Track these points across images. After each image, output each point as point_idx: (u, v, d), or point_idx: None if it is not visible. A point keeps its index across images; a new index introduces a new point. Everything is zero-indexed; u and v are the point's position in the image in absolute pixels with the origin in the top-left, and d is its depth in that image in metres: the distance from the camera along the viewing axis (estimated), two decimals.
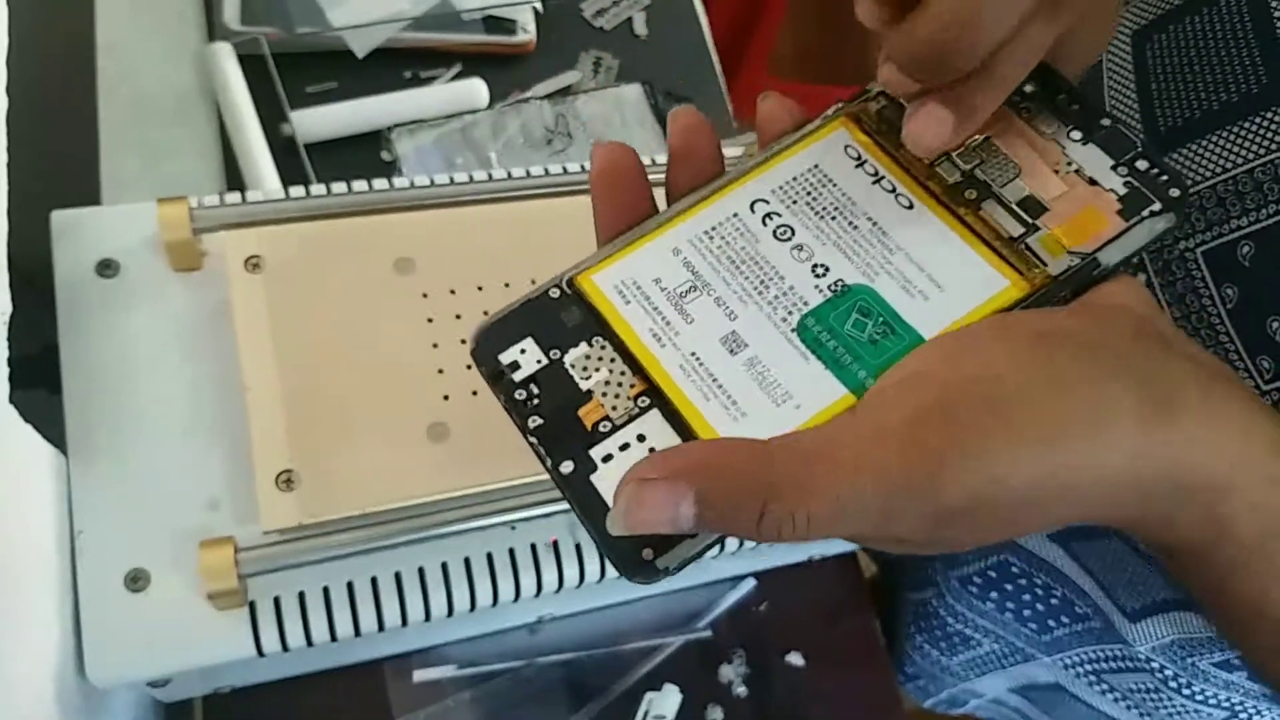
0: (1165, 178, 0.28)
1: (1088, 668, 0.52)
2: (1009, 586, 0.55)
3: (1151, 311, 0.26)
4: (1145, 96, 0.39)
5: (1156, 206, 0.28)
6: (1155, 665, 0.46)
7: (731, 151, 0.50)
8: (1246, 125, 0.35)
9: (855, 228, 0.30)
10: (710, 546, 0.26)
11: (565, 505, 0.32)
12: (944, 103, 0.29)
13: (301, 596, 0.41)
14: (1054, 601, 0.53)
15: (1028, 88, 0.30)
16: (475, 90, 0.69)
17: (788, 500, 0.23)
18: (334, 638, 0.41)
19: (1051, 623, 0.54)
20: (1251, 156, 0.35)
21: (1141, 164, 0.28)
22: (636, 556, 0.25)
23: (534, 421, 0.28)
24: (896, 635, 0.67)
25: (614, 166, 0.30)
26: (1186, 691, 0.46)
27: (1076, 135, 0.30)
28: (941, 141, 0.29)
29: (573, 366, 0.28)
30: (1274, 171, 0.34)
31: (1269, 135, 0.34)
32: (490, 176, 0.49)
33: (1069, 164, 0.29)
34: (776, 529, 0.23)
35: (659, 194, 0.32)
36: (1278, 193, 0.34)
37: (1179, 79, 0.37)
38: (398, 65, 0.70)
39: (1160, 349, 0.25)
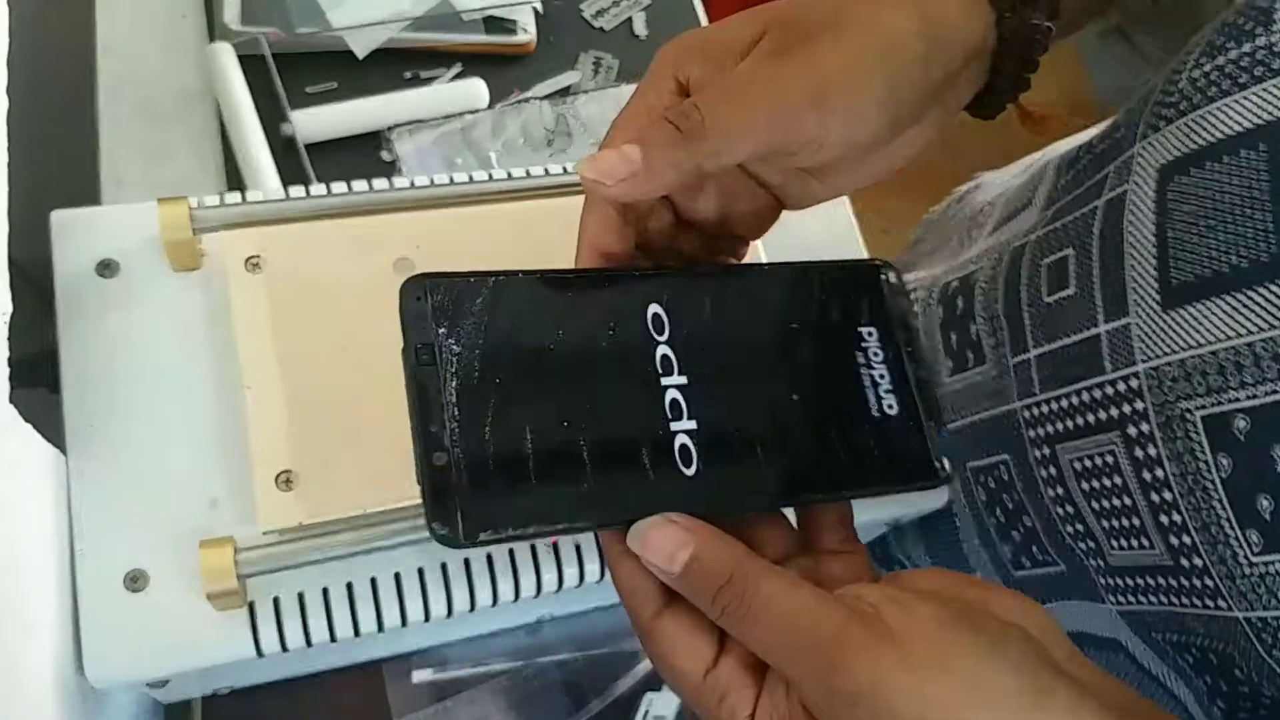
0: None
1: None
2: None
3: (1047, 634, 0.29)
4: (1162, 242, 0.38)
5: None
6: None
7: None
8: (1253, 295, 0.34)
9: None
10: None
11: None
12: (635, 141, 0.33)
13: (301, 597, 0.41)
14: None
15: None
16: (475, 90, 0.69)
17: (736, 602, 0.29)
18: (333, 638, 0.41)
19: None
20: (1254, 329, 0.34)
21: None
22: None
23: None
24: None
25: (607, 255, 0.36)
26: None
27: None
28: (624, 178, 0.33)
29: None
30: (1273, 349, 0.33)
31: (1273, 310, 0.34)
32: (490, 177, 0.49)
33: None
34: (721, 612, 0.30)
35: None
36: (1275, 372, 0.33)
37: (1195, 231, 0.36)
38: (398, 65, 0.70)
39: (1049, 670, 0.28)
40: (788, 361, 0.34)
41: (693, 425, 0.32)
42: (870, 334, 0.36)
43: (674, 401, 0.32)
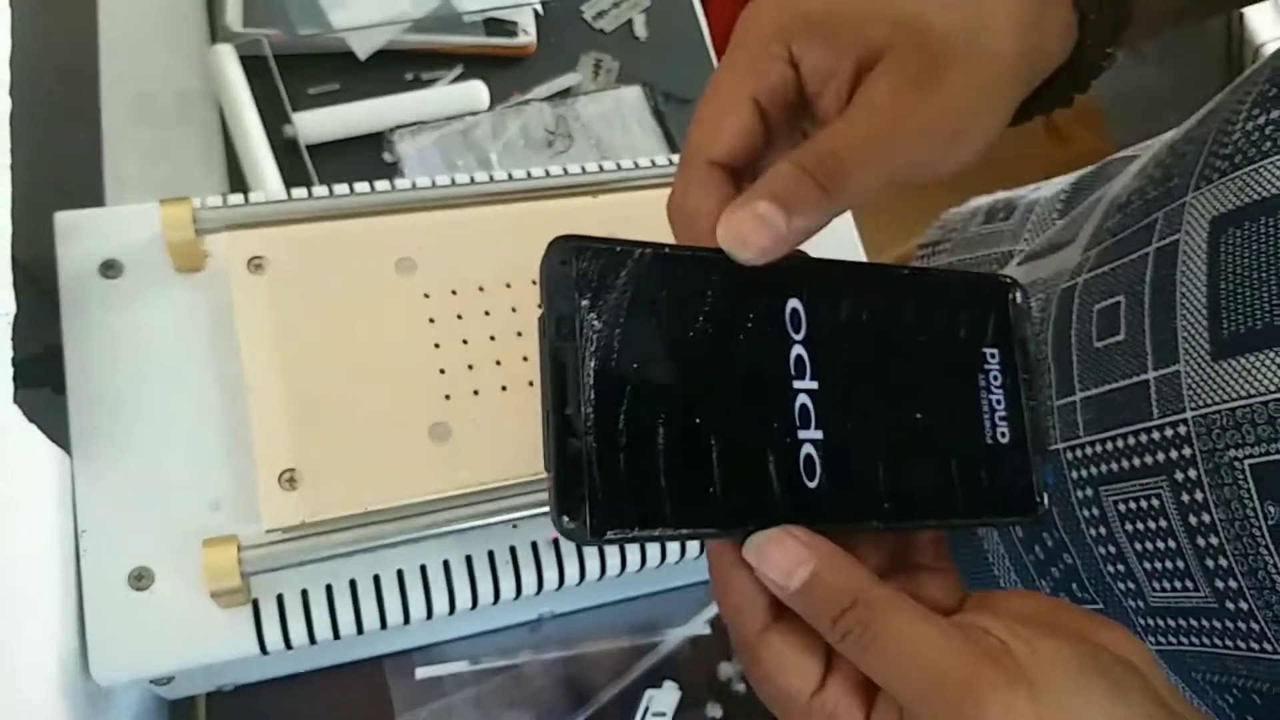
0: None
1: None
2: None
3: (1151, 670, 0.28)
4: (1214, 293, 0.38)
5: None
6: None
7: None
8: None
9: None
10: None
11: None
12: (775, 201, 0.30)
13: (304, 594, 0.41)
14: None
15: None
16: (476, 92, 0.69)
17: (860, 630, 0.28)
18: (337, 635, 0.41)
19: None
20: None
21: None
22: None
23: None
24: None
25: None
26: None
27: None
28: (765, 245, 0.29)
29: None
30: None
31: None
32: (491, 178, 0.49)
33: None
34: (841, 636, 0.28)
35: (655, 194, 0.33)
36: None
37: (1248, 282, 0.36)
38: (399, 67, 0.70)
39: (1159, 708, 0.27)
40: (915, 376, 0.33)
41: (819, 435, 0.30)
42: (993, 356, 0.34)
43: (803, 408, 0.30)
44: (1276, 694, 0.38)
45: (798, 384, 0.30)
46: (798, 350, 0.31)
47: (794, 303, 0.31)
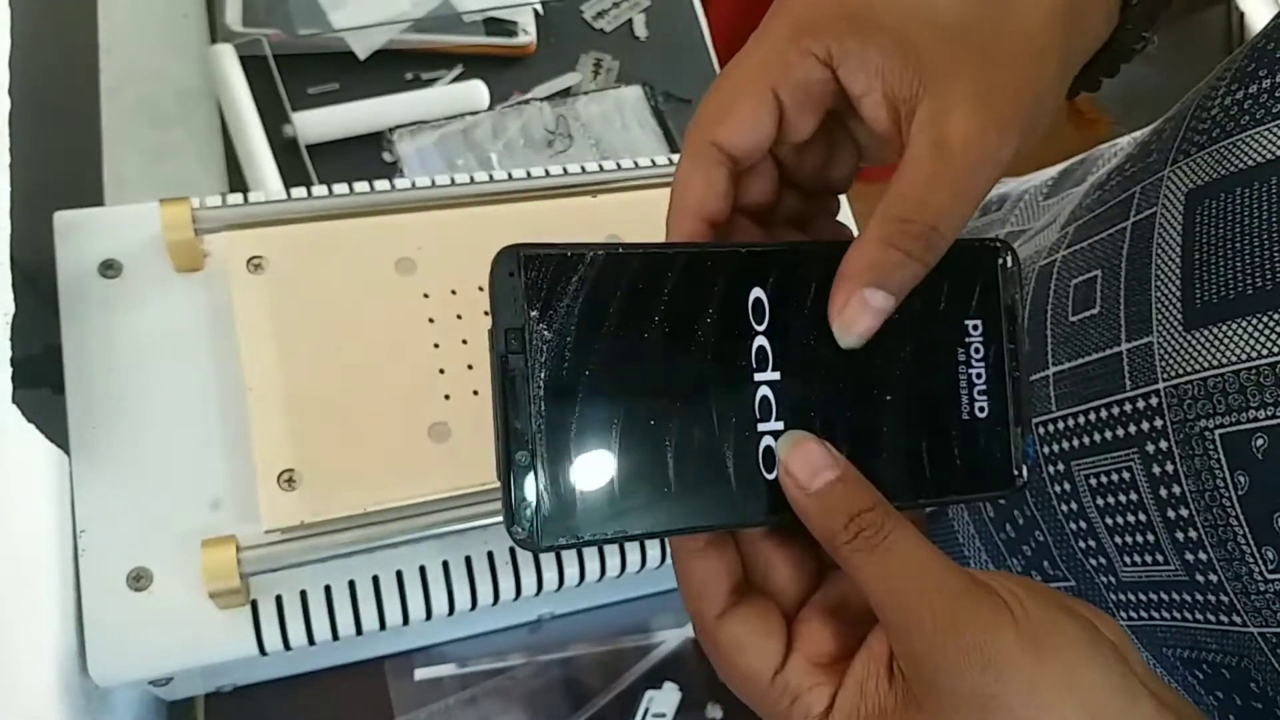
0: None
1: None
2: None
3: (1127, 649, 0.28)
4: (1188, 264, 0.38)
5: None
6: None
7: None
8: (1275, 316, 0.34)
9: None
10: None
11: None
12: (879, 285, 0.29)
13: (303, 595, 0.41)
14: None
15: None
16: (476, 92, 0.69)
17: (873, 531, 0.28)
18: (335, 636, 0.41)
19: None
20: (1275, 350, 0.34)
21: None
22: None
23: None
24: None
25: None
26: None
27: None
28: (874, 326, 0.30)
29: None
30: None
31: None
32: (491, 177, 0.49)
33: None
34: (854, 535, 0.28)
35: (655, 194, 0.33)
36: None
37: (1222, 253, 0.37)
38: (399, 67, 0.70)
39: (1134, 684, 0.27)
40: (887, 359, 0.32)
41: (779, 426, 0.30)
42: (976, 327, 0.33)
43: (764, 400, 0.30)
44: (1245, 668, 0.38)
45: (759, 376, 0.30)
46: (759, 342, 0.30)
47: (757, 292, 0.30)
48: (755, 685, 0.30)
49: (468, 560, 0.43)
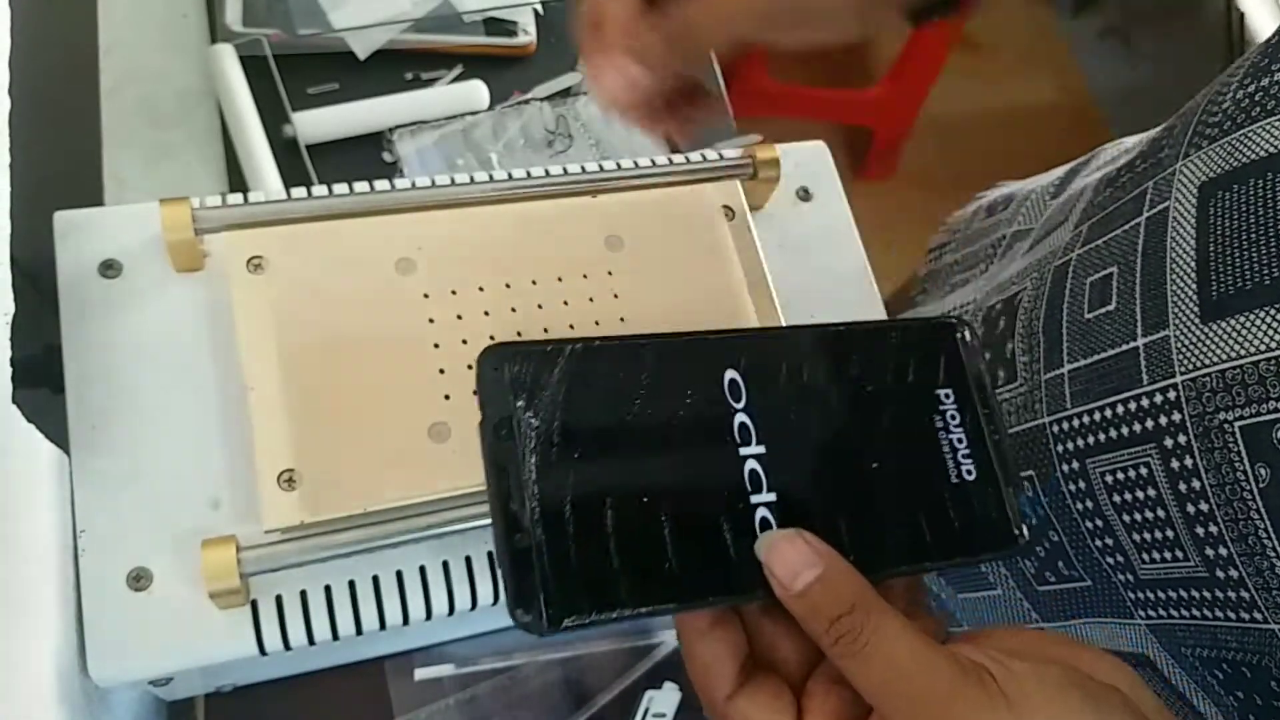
0: None
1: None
2: None
3: (1137, 692, 0.29)
4: (1204, 256, 0.38)
5: None
6: None
7: (730, 152, 0.51)
8: None
9: None
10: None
11: None
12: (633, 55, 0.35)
13: (303, 595, 0.41)
14: None
15: None
16: (476, 92, 0.69)
17: (853, 635, 0.29)
18: (335, 636, 0.41)
19: None
20: None
21: None
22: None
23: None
24: None
25: None
26: None
27: None
28: (619, 91, 0.39)
29: None
30: None
31: None
32: (491, 177, 0.49)
33: None
34: (835, 640, 0.29)
35: (655, 194, 0.35)
36: None
37: (1237, 244, 0.37)
38: (399, 67, 0.70)
39: None
40: (867, 428, 0.33)
41: (772, 498, 0.31)
42: (947, 396, 0.35)
43: (753, 473, 0.31)
44: (1266, 666, 0.37)
45: (745, 450, 0.31)
46: (740, 418, 0.31)
47: (731, 374, 0.32)
48: None
49: (468, 560, 0.43)
